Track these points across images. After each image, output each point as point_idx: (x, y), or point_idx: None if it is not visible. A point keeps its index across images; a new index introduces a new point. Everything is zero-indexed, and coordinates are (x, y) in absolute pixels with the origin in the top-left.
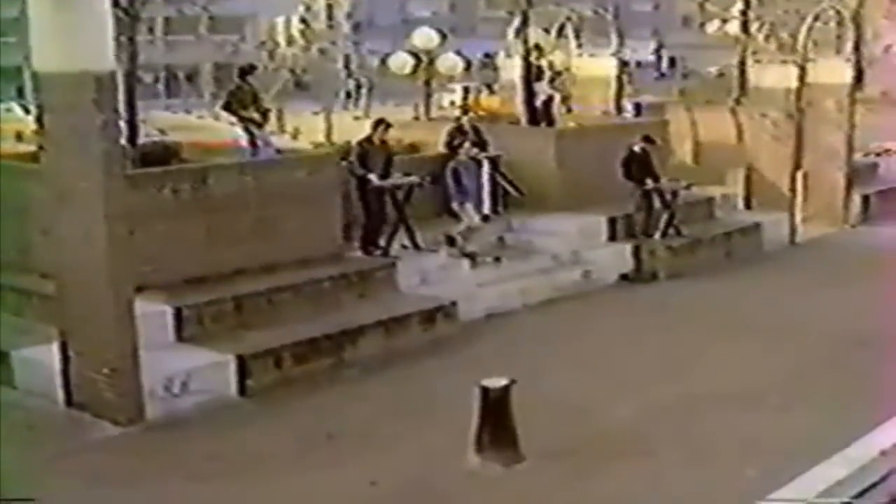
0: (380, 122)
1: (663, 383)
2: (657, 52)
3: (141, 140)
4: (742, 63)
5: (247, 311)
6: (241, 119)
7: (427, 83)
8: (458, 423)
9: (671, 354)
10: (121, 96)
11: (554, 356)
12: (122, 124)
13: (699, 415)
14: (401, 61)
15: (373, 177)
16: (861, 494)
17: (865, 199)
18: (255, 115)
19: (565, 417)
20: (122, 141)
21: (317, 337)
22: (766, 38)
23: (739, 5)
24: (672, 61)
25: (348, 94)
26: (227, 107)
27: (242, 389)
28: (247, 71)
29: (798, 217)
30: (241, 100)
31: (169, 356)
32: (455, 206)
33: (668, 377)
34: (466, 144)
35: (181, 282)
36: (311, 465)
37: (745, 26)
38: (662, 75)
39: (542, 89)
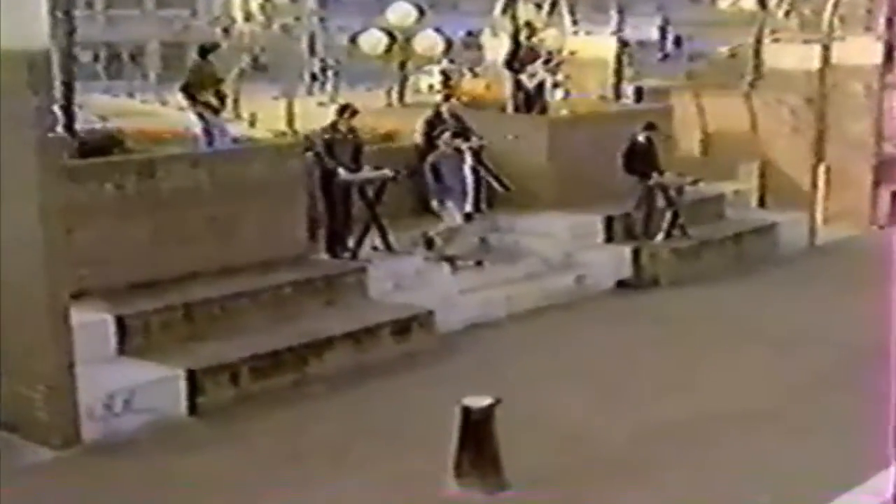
0: (345, 108)
1: (665, 401)
2: (662, 29)
3: (79, 127)
4: (758, 42)
5: (199, 321)
6: (199, 103)
7: (402, 65)
8: (436, 445)
9: (674, 369)
10: (56, 78)
11: (543, 371)
12: (58, 110)
13: (705, 436)
14: (373, 40)
15: (342, 170)
16: None
17: (895, 196)
18: (213, 100)
19: (555, 440)
20: (59, 128)
21: (278, 349)
22: (786, 13)
23: None
24: (678, 40)
25: (313, 77)
26: (186, 88)
27: (193, 408)
28: (209, 49)
29: (819, 217)
30: (202, 81)
31: (110, 371)
32: (433, 203)
33: (670, 394)
34: (446, 134)
35: (125, 287)
36: (270, 492)
37: (762, 0)
38: (667, 56)
39: (534, 72)
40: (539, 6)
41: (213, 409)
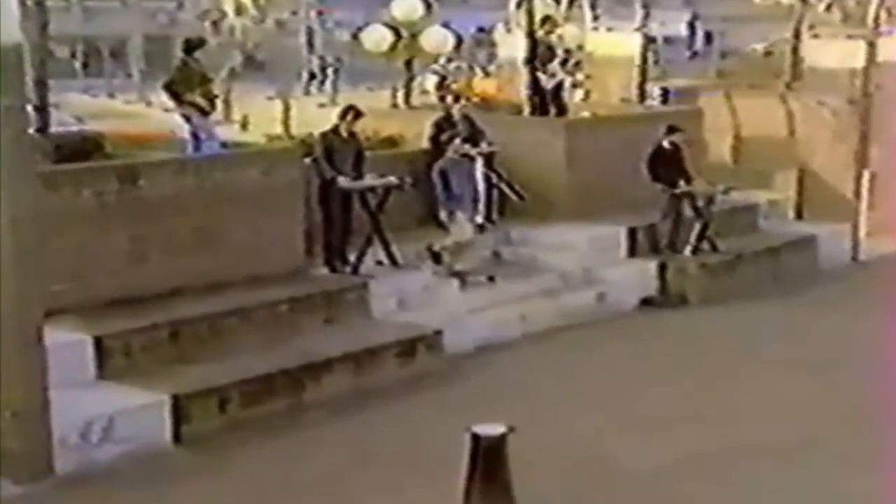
0: (348, 110)
1: (694, 429)
2: (691, 25)
3: (54, 130)
4: (796, 38)
5: (185, 341)
6: (185, 104)
7: (408, 63)
8: (443, 476)
9: (704, 395)
10: (28, 76)
11: (560, 397)
12: (31, 110)
13: (737, 468)
14: (377, 36)
15: (341, 178)
16: None
17: None
18: (202, 101)
19: (573, 471)
20: (31, 130)
21: (271, 372)
22: (828, 6)
23: None
24: (708, 36)
25: (311, 76)
26: (170, 87)
27: (178, 437)
28: (194, 45)
29: (862, 229)
30: (188, 80)
31: (87, 396)
32: (442, 213)
33: (700, 422)
34: (457, 140)
35: (104, 304)
36: None
37: None
38: (696, 54)
39: (553, 72)
40: (557, 0)
41: (200, 438)
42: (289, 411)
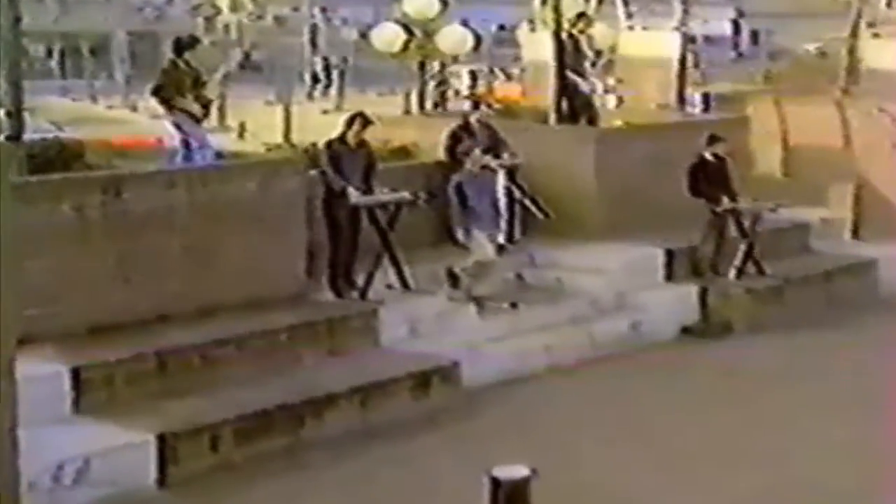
0: (356, 117)
1: (739, 474)
2: (735, 23)
3: (29, 137)
4: (853, 37)
5: (173, 373)
6: (176, 109)
7: (422, 65)
8: None
9: (749, 434)
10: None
11: (589, 436)
12: (3, 115)
13: None
14: (387, 35)
15: (352, 191)
16: None
17: None
18: (194, 106)
19: None
20: (3, 138)
21: (269, 408)
22: (889, 2)
23: None
24: (755, 36)
25: (315, 79)
26: (159, 91)
27: (163, 479)
28: (185, 44)
29: None
30: (178, 84)
31: (62, 434)
32: (459, 232)
33: (745, 466)
34: (476, 150)
35: (83, 331)
36: None
37: None
38: (741, 55)
39: (585, 75)
40: None
41: (189, 481)
42: (288, 451)
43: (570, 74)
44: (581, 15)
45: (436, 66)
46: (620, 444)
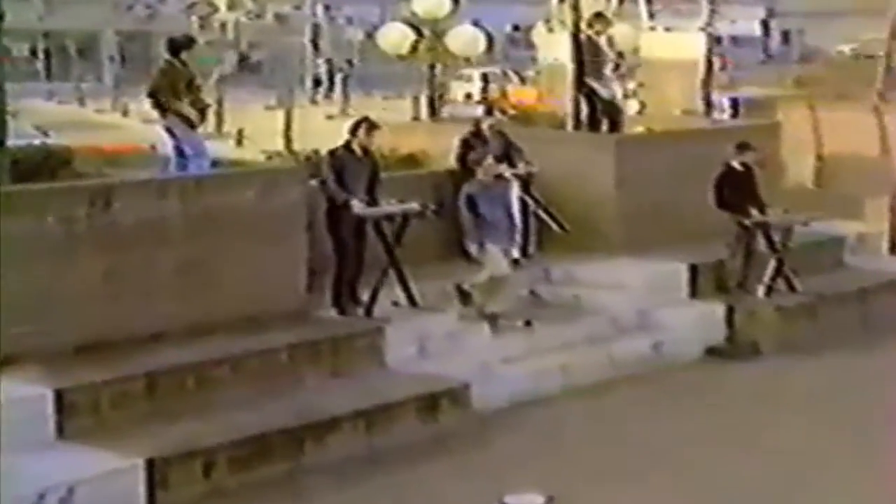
0: (360, 123)
1: None
2: (765, 23)
3: (13, 143)
4: (893, 38)
5: (164, 395)
6: (171, 114)
7: (432, 68)
8: None
9: (779, 465)
10: None
11: (609, 464)
12: None
13: None
14: (395, 36)
15: (356, 203)
16: None
17: None
18: (190, 110)
19: None
20: None
21: (267, 432)
22: None
23: None
24: (786, 36)
25: (318, 82)
26: (154, 95)
27: None
28: (181, 44)
29: None
30: (174, 86)
31: (44, 461)
32: (470, 245)
33: (776, 497)
34: (488, 159)
35: (69, 350)
36: None
37: None
38: (771, 57)
39: (605, 78)
40: None
41: None
42: (287, 478)
43: (588, 80)
44: (598, 15)
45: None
46: (641, 473)
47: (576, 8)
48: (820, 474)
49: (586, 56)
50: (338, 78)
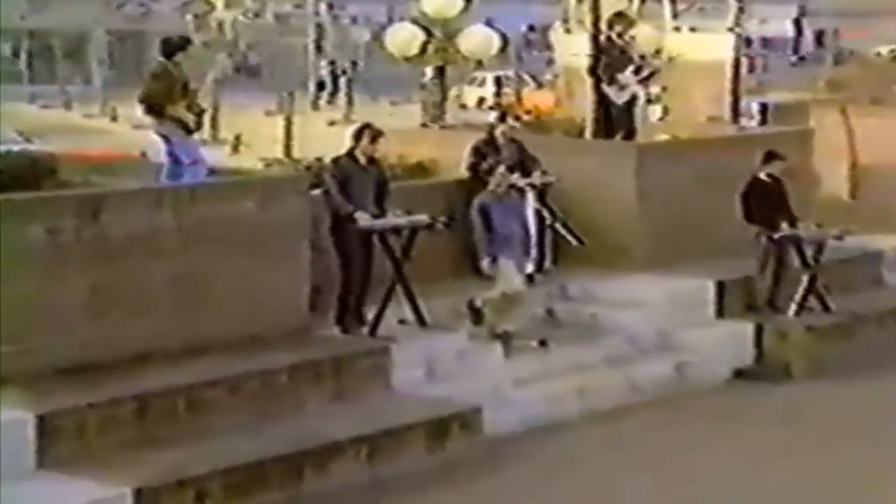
0: (363, 130)
1: None
2: (797, 22)
3: None
4: None
5: (155, 419)
6: (165, 119)
7: (442, 71)
8: None
9: (815, 495)
10: None
11: (629, 493)
12: None
13: None
14: (403, 37)
15: (361, 215)
16: None
17: None
18: (186, 115)
19: None
20: None
21: (264, 459)
22: None
23: None
24: (819, 37)
25: (320, 85)
26: (147, 99)
27: None
28: (175, 45)
29: None
30: (168, 90)
31: (25, 491)
32: (482, 260)
33: None
34: (501, 168)
35: (53, 372)
36: None
37: None
38: (803, 59)
39: (624, 83)
40: None
41: None
42: None
43: (602, 85)
44: (619, 14)
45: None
46: None
47: (596, 7)
48: (859, 498)
49: (605, 59)
50: (342, 81)
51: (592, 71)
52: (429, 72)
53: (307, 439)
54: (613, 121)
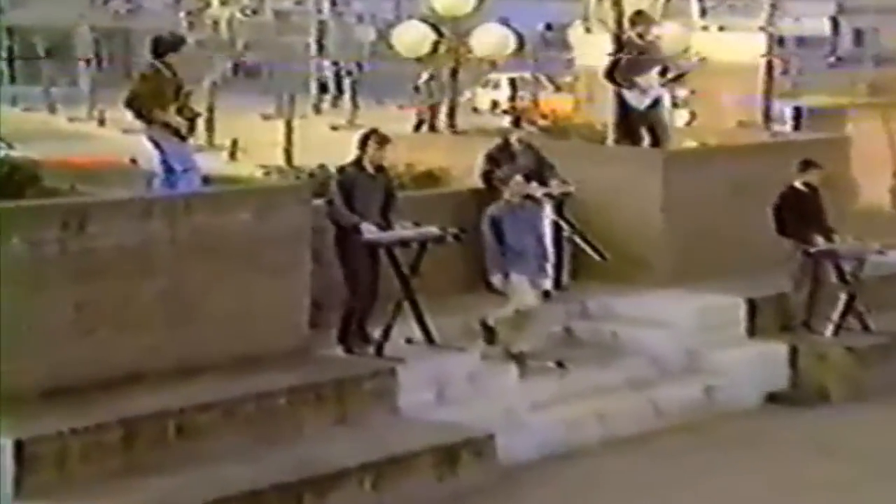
0: (369, 136)
1: None
2: (834, 21)
3: None
4: None
5: (143, 445)
6: (155, 124)
7: (454, 72)
8: None
9: None
10: None
11: None
12: None
13: None
14: (412, 36)
15: (367, 227)
16: None
17: None
18: (178, 120)
19: None
20: None
21: (260, 488)
22: None
23: None
24: (858, 36)
25: (323, 88)
26: (134, 102)
27: None
28: (168, 45)
29: None
30: (159, 93)
31: None
32: (495, 276)
33: None
34: (517, 177)
35: (34, 395)
36: None
37: None
38: (841, 59)
39: (647, 86)
40: None
41: None
42: None
43: (623, 91)
44: (639, 13)
45: (424, 74)
46: None
47: (618, 4)
48: None
49: (623, 61)
50: (345, 83)
51: (608, 74)
52: (424, 74)
53: (307, 467)
54: (633, 126)
